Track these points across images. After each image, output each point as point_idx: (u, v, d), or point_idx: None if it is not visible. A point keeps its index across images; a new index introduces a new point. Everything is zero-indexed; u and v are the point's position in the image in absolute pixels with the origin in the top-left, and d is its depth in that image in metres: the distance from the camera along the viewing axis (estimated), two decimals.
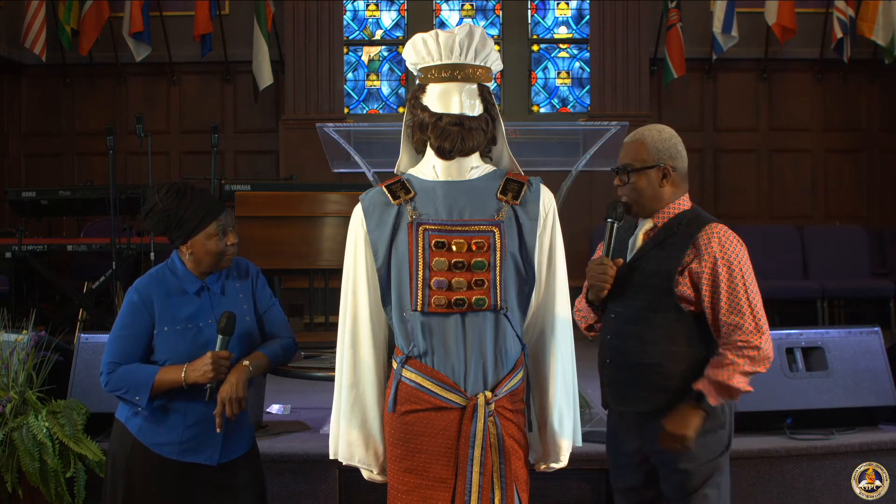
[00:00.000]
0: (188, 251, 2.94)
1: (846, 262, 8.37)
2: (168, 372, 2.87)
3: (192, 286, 2.95)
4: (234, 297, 3.00)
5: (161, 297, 2.92)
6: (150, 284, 2.95)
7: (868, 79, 9.38)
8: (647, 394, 2.80)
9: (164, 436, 2.90)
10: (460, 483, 2.43)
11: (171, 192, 2.94)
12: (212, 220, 2.92)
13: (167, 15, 9.14)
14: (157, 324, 2.91)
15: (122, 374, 2.89)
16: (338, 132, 4.34)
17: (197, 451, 2.91)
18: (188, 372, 2.85)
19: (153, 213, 2.94)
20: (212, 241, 2.92)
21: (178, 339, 2.90)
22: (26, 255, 7.33)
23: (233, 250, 2.97)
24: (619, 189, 2.89)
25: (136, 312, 2.92)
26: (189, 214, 2.91)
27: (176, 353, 2.89)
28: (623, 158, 2.91)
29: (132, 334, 2.92)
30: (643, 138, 2.89)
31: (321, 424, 4.27)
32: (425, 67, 2.51)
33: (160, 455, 2.90)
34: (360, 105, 9.71)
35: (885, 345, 4.30)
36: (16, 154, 9.55)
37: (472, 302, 2.43)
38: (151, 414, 2.91)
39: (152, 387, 2.86)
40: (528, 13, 9.72)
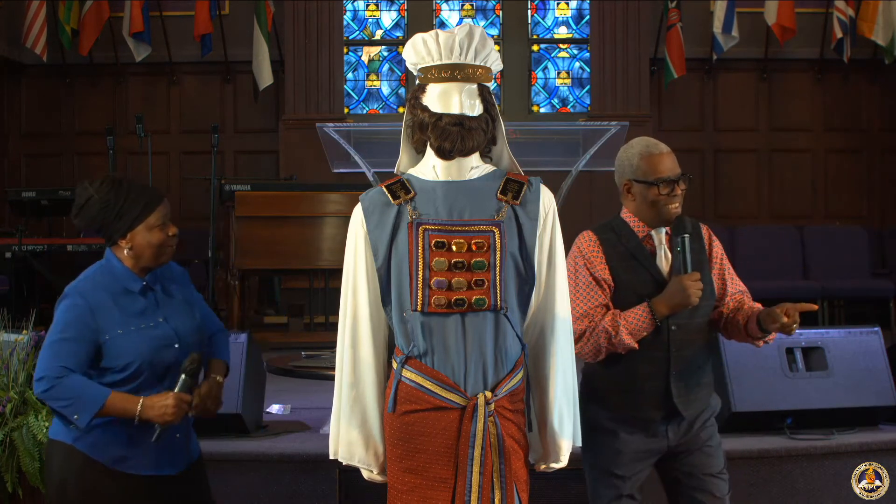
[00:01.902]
0: (127, 246, 2.76)
1: (846, 262, 8.37)
2: (121, 400, 2.68)
3: (134, 285, 2.78)
4: (175, 297, 2.88)
5: (106, 300, 2.73)
6: (92, 288, 2.75)
7: (868, 79, 9.38)
8: (705, 394, 3.01)
9: (122, 450, 2.73)
10: (460, 483, 2.43)
11: (107, 184, 2.76)
12: (153, 210, 2.76)
13: (167, 15, 9.14)
14: (107, 329, 2.71)
15: (72, 384, 2.65)
16: (338, 132, 4.35)
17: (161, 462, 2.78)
18: (145, 408, 2.67)
19: (88, 208, 2.75)
20: (153, 232, 2.76)
21: (136, 340, 2.73)
22: (26, 255, 7.33)
23: (174, 242, 2.81)
24: (674, 199, 2.95)
25: (81, 317, 2.70)
26: (128, 206, 2.74)
27: (137, 354, 2.72)
28: (675, 168, 2.97)
29: (80, 339, 2.69)
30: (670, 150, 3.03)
31: (321, 424, 4.27)
32: (425, 67, 2.51)
33: (120, 472, 2.73)
34: (360, 105, 9.72)
35: (885, 345, 4.29)
36: (16, 154, 9.55)
37: (472, 302, 2.43)
38: (107, 427, 2.71)
39: (99, 410, 2.65)
40: (528, 13, 9.72)
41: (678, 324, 2.92)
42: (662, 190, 2.93)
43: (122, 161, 8.35)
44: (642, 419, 2.95)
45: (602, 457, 2.99)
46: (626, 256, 2.95)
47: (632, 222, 3.00)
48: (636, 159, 2.98)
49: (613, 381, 2.96)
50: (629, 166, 3.00)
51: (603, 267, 2.93)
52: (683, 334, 2.93)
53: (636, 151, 3.00)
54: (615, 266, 2.94)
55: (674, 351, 2.92)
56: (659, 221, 2.97)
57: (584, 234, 3.02)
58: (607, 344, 2.87)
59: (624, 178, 3.02)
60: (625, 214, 3.03)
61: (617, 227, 3.01)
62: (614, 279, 2.93)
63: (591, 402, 2.98)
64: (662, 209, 2.94)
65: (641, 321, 2.87)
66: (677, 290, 2.87)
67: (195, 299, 2.97)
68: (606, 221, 3.05)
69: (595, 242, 2.97)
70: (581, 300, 2.91)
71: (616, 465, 2.97)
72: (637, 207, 2.99)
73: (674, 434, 2.97)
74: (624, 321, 2.87)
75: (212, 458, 3.95)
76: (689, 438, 2.99)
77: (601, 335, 2.87)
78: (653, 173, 2.94)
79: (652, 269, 2.95)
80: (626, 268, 2.94)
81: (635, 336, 2.87)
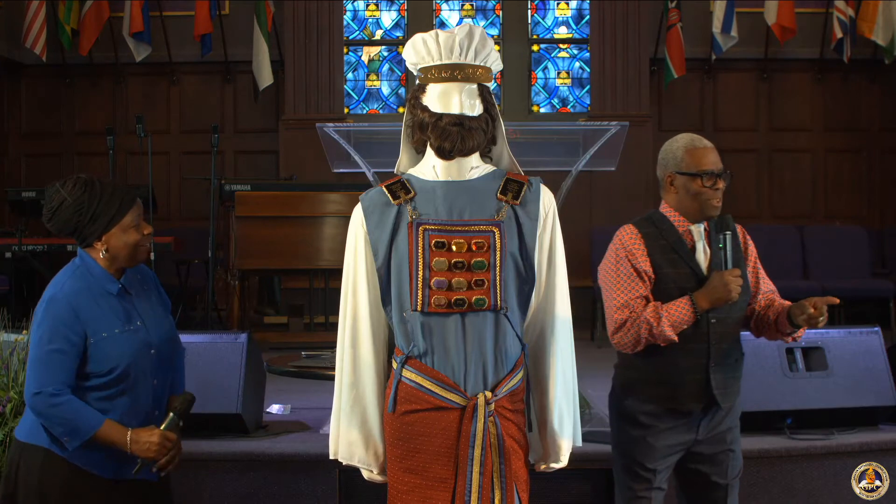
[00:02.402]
0: (103, 247, 2.73)
1: (846, 262, 8.37)
2: (112, 430, 2.67)
3: (112, 287, 2.75)
4: (149, 299, 2.85)
5: (89, 303, 2.70)
6: (76, 292, 2.70)
7: (868, 79, 9.38)
8: (738, 387, 3.09)
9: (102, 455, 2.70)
10: (460, 483, 2.43)
11: (80, 186, 2.71)
12: (127, 210, 2.73)
13: (167, 15, 9.14)
14: (92, 333, 2.68)
15: (69, 407, 2.64)
16: (338, 132, 4.34)
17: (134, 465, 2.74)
18: (132, 443, 2.68)
19: (62, 211, 2.71)
20: (129, 233, 2.73)
21: (120, 343, 2.71)
22: (26, 255, 7.33)
23: (149, 241, 2.81)
24: (716, 193, 2.99)
25: (69, 324, 2.66)
26: (102, 207, 2.70)
27: (121, 358, 2.70)
28: (719, 163, 3.02)
29: (70, 348, 2.66)
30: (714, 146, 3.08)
31: (321, 424, 4.27)
32: (425, 67, 2.51)
33: (99, 476, 2.71)
34: (360, 105, 9.71)
35: (885, 345, 4.29)
36: (16, 154, 9.55)
37: (472, 302, 2.43)
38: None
39: (90, 438, 2.64)
40: (528, 13, 9.72)
41: (718, 318, 2.98)
42: (706, 182, 2.98)
43: (121, 161, 8.35)
44: (683, 411, 2.99)
45: (636, 451, 3.03)
46: (668, 250, 3.00)
47: (672, 216, 3.04)
48: (681, 152, 3.04)
49: (654, 373, 3.00)
50: (673, 159, 3.05)
51: (644, 259, 2.98)
52: (722, 328, 2.99)
53: (681, 145, 3.06)
54: (657, 259, 2.99)
55: (713, 344, 2.98)
56: (699, 215, 3.02)
57: (624, 227, 3.06)
58: (648, 335, 2.92)
59: (667, 171, 3.06)
60: (664, 209, 3.07)
61: (657, 220, 3.06)
62: (655, 272, 2.98)
63: (627, 396, 3.05)
64: (704, 203, 3.00)
65: (683, 314, 2.92)
66: (719, 284, 2.92)
67: (167, 305, 2.95)
68: (646, 216, 3.10)
69: (637, 235, 3.01)
70: (621, 290, 2.96)
71: (650, 460, 3.01)
72: (678, 201, 3.04)
73: (704, 428, 3.03)
74: (666, 313, 2.92)
75: (212, 458, 3.97)
76: (715, 436, 3.05)
77: (642, 325, 2.91)
78: (697, 166, 3.00)
79: (692, 264, 3.00)
80: (668, 261, 2.99)
81: (676, 328, 2.92)
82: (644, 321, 2.90)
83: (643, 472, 3.03)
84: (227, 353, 4.15)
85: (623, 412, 3.07)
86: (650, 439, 3.01)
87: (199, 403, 4.06)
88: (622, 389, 3.09)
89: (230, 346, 4.18)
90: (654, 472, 3.03)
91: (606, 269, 3.03)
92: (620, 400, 3.08)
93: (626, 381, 3.08)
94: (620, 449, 3.10)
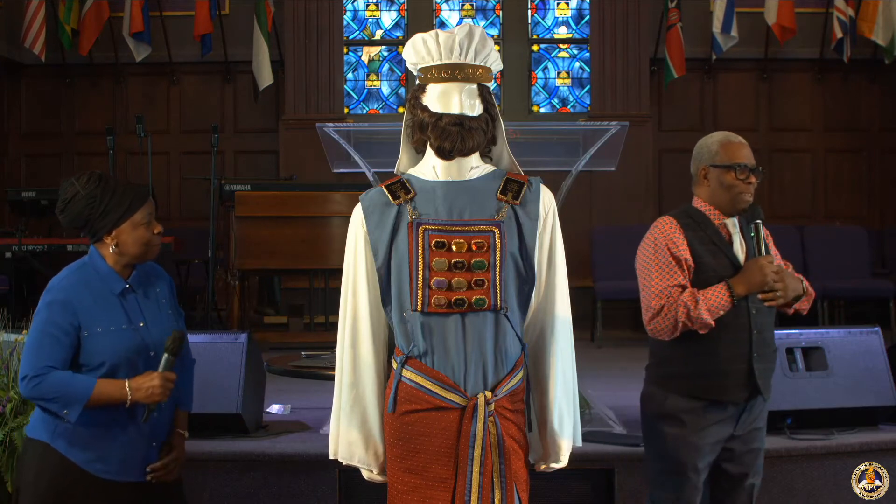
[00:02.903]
0: (113, 243, 2.75)
1: (846, 262, 8.36)
2: (107, 387, 2.67)
3: (117, 286, 2.77)
4: (157, 302, 2.86)
5: (87, 297, 2.72)
6: (74, 285, 2.73)
7: (868, 79, 9.37)
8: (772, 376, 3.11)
9: (97, 452, 2.72)
10: (460, 483, 2.42)
11: (93, 180, 2.75)
12: (138, 207, 2.76)
13: (167, 15, 9.14)
14: (86, 326, 2.70)
15: (55, 380, 2.65)
16: (338, 132, 4.34)
17: (137, 468, 2.76)
18: (132, 391, 2.68)
19: (74, 203, 2.74)
20: (140, 230, 2.76)
21: (114, 340, 2.72)
22: (26, 255, 7.33)
23: (159, 240, 2.82)
24: (749, 187, 3.06)
25: (63, 313, 2.68)
26: (115, 202, 2.73)
27: (114, 355, 2.71)
28: (752, 159, 3.10)
29: (62, 336, 2.68)
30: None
31: (321, 424, 4.27)
32: (425, 67, 2.51)
33: (94, 476, 2.71)
34: (360, 105, 9.71)
35: (885, 345, 4.30)
36: (16, 154, 9.55)
37: (472, 302, 2.43)
38: (83, 429, 2.69)
39: (88, 401, 2.65)
40: (528, 13, 9.72)
41: (758, 307, 3.02)
42: (739, 175, 3.05)
43: (121, 161, 8.35)
44: (727, 402, 3.01)
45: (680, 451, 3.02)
46: (706, 241, 3.05)
47: (706, 210, 3.10)
48: (716, 146, 3.11)
49: (695, 366, 3.01)
50: (708, 152, 3.11)
51: (685, 248, 3.02)
52: (762, 317, 3.04)
53: (716, 139, 3.13)
54: (697, 249, 3.03)
55: (755, 333, 3.03)
56: (731, 208, 3.08)
57: (662, 218, 3.11)
58: (685, 318, 2.94)
59: (702, 164, 3.12)
60: (697, 203, 3.13)
61: (693, 214, 3.11)
62: (696, 261, 3.01)
63: (668, 394, 3.05)
64: (736, 196, 3.06)
65: (720, 299, 2.95)
66: (756, 269, 2.97)
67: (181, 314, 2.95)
68: (680, 209, 3.14)
69: (676, 225, 3.06)
70: (659, 277, 2.99)
71: (697, 458, 3.01)
72: (711, 194, 3.09)
73: (741, 423, 3.05)
74: (703, 297, 2.95)
75: (212, 458, 3.97)
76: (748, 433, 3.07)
77: (679, 308, 2.94)
78: (731, 159, 3.07)
79: (730, 255, 3.05)
80: (707, 251, 3.03)
81: (713, 313, 2.94)
82: (682, 304, 2.93)
83: (690, 474, 3.01)
84: (227, 353, 4.15)
85: (663, 412, 3.05)
86: (694, 438, 3.01)
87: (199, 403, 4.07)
88: (660, 388, 3.08)
89: (230, 346, 4.18)
90: (698, 471, 3.02)
91: (644, 258, 3.05)
92: (659, 400, 3.07)
93: (663, 378, 3.08)
94: (660, 451, 3.07)
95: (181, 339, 2.78)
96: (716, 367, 3.00)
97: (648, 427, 3.14)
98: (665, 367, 3.08)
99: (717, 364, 3.00)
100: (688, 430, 3.01)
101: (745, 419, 3.06)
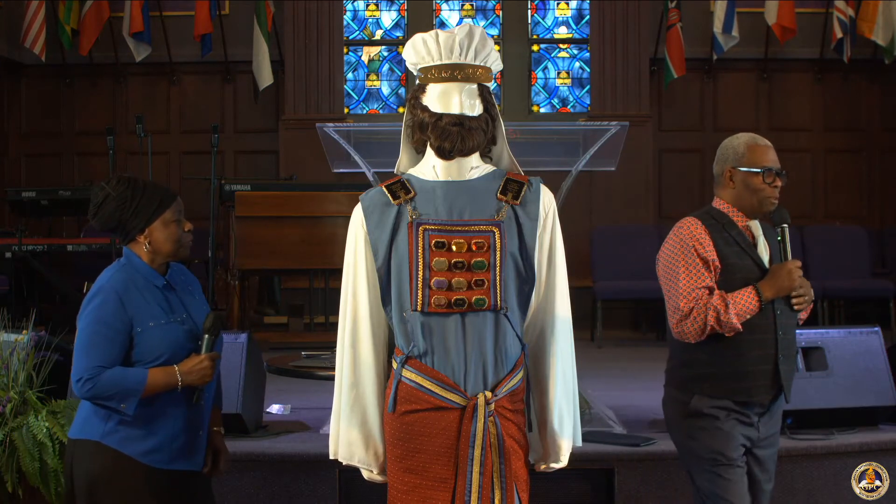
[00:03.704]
0: (146, 241, 2.84)
1: (846, 262, 8.36)
2: (159, 374, 2.74)
3: (158, 281, 2.85)
4: (193, 295, 2.95)
5: (136, 294, 2.79)
6: (122, 281, 2.80)
7: (868, 79, 9.37)
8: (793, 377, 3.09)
9: (152, 443, 2.76)
10: (460, 483, 2.43)
11: (123, 182, 2.84)
12: (168, 205, 2.85)
13: (167, 15, 9.14)
14: (139, 322, 2.76)
15: (109, 378, 2.70)
16: (338, 132, 4.35)
17: (187, 456, 2.81)
18: (183, 375, 2.76)
19: (106, 205, 2.82)
20: (170, 227, 2.85)
21: (168, 333, 2.79)
22: (26, 255, 7.33)
23: (190, 238, 2.92)
24: (775, 191, 3.08)
25: (114, 312, 2.75)
26: (145, 201, 2.82)
27: (168, 347, 2.78)
28: (777, 162, 3.10)
29: (113, 334, 2.74)
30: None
31: (321, 424, 4.28)
32: (425, 67, 2.52)
33: (150, 466, 2.75)
34: (360, 105, 9.71)
35: (885, 345, 4.30)
36: (16, 154, 9.54)
37: (472, 302, 2.43)
38: (135, 421, 2.74)
39: (143, 392, 2.71)
40: (528, 13, 9.72)
41: (782, 308, 3.01)
42: (766, 178, 3.05)
43: (121, 161, 8.34)
44: (752, 403, 2.99)
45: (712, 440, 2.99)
46: (731, 242, 3.03)
47: (729, 212, 3.09)
48: (742, 148, 3.09)
49: (723, 367, 2.99)
50: (734, 154, 3.09)
51: (711, 249, 3.00)
52: (786, 318, 3.03)
53: (743, 141, 3.11)
54: (722, 250, 3.01)
55: (780, 334, 3.01)
56: (756, 211, 3.08)
57: (686, 219, 3.08)
58: (715, 322, 2.93)
59: (727, 166, 3.09)
60: (719, 204, 3.10)
61: (716, 215, 3.09)
62: (722, 262, 3.00)
63: (692, 395, 3.03)
64: (763, 199, 3.06)
65: (749, 303, 2.95)
66: (785, 274, 2.98)
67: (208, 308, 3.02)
68: (703, 210, 3.12)
69: (701, 227, 3.04)
70: (686, 279, 2.97)
71: (730, 448, 2.99)
72: (736, 196, 3.08)
73: (763, 426, 3.04)
74: (732, 301, 2.94)
75: None
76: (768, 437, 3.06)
77: (709, 312, 2.92)
78: (759, 162, 3.07)
79: (754, 256, 3.04)
80: (732, 253, 3.02)
81: (741, 317, 2.94)
82: (712, 308, 2.92)
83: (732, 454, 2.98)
84: (227, 353, 4.12)
85: (688, 412, 3.02)
86: (725, 426, 2.99)
87: None
88: (683, 391, 3.05)
89: (230, 346, 4.17)
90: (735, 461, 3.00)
91: (669, 259, 3.02)
92: (683, 402, 3.04)
93: (687, 380, 3.05)
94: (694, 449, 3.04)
95: (220, 318, 2.86)
96: (742, 369, 2.98)
97: (676, 430, 3.11)
98: (688, 369, 3.05)
99: (743, 365, 2.98)
100: (719, 422, 2.99)
101: (767, 421, 3.05)
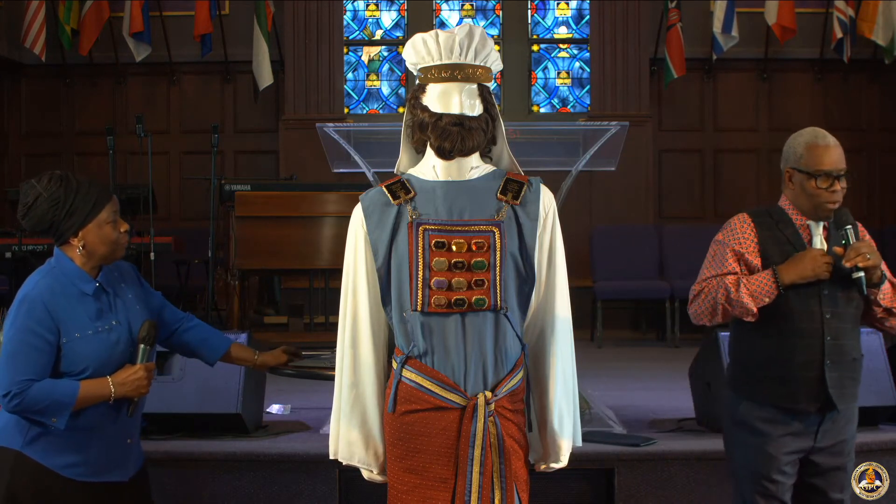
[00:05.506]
0: (80, 244, 2.69)
1: None
2: (91, 387, 2.64)
3: (88, 286, 2.71)
4: (128, 297, 2.80)
5: (63, 303, 2.65)
6: (49, 291, 2.66)
7: (868, 79, 9.37)
8: (856, 387, 2.98)
9: (76, 456, 2.67)
10: (460, 483, 2.43)
11: (55, 181, 2.68)
12: (103, 206, 2.70)
13: (167, 15, 9.14)
14: (65, 332, 2.64)
15: (38, 392, 2.59)
16: (338, 132, 4.34)
17: (113, 468, 2.73)
18: (116, 387, 2.66)
19: (37, 206, 2.67)
20: (106, 228, 2.70)
21: (92, 344, 2.67)
22: (26, 255, 7.32)
23: (126, 239, 2.76)
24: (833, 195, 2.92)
25: (41, 322, 2.62)
26: (79, 202, 2.67)
27: (94, 358, 2.67)
28: (839, 163, 2.93)
29: (43, 344, 2.61)
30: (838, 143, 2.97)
31: (321, 424, 4.27)
32: (425, 67, 2.52)
33: (71, 480, 2.66)
34: (360, 105, 9.71)
35: (885, 345, 4.29)
36: (16, 154, 9.55)
37: (472, 302, 2.43)
38: (62, 433, 2.63)
39: (74, 405, 2.60)
40: (528, 13, 9.72)
41: (833, 311, 2.92)
42: (821, 183, 2.91)
43: (121, 161, 8.34)
44: (798, 411, 2.93)
45: (757, 461, 2.96)
46: (783, 242, 2.96)
47: (790, 211, 3.01)
48: (801, 148, 2.97)
49: (768, 370, 2.94)
50: (793, 154, 2.98)
51: (753, 248, 2.95)
52: (837, 322, 2.93)
53: (803, 140, 2.98)
54: (768, 249, 2.95)
55: (828, 340, 2.91)
56: (814, 214, 2.97)
57: (738, 215, 3.03)
58: (725, 301, 2.88)
59: (787, 166, 3.01)
60: (783, 202, 3.04)
61: (774, 213, 3.02)
62: (764, 262, 2.93)
63: (742, 398, 3.00)
64: (819, 204, 2.94)
65: (765, 285, 2.87)
66: (807, 259, 2.88)
67: (150, 295, 2.91)
68: (764, 207, 3.06)
69: (749, 224, 2.99)
70: (710, 268, 2.95)
71: (773, 471, 2.95)
72: (795, 196, 2.99)
73: (823, 435, 2.96)
74: (746, 281, 2.88)
75: (212, 458, 3.97)
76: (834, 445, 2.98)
77: (719, 290, 2.88)
78: (814, 165, 2.92)
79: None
80: (781, 253, 2.94)
81: (756, 299, 2.86)
82: (723, 287, 2.88)
83: (767, 484, 2.95)
84: None
85: (738, 419, 2.99)
86: (769, 448, 2.94)
87: (199, 403, 4.08)
88: (735, 392, 3.02)
89: None
90: (777, 483, 2.95)
91: (709, 252, 3.00)
92: (734, 405, 3.01)
93: (738, 382, 3.02)
94: (738, 458, 3.02)
95: (154, 327, 2.75)
96: (786, 373, 2.91)
97: (727, 431, 3.09)
98: (738, 369, 3.03)
99: (787, 370, 2.91)
100: (763, 440, 2.93)
101: (829, 429, 2.96)
